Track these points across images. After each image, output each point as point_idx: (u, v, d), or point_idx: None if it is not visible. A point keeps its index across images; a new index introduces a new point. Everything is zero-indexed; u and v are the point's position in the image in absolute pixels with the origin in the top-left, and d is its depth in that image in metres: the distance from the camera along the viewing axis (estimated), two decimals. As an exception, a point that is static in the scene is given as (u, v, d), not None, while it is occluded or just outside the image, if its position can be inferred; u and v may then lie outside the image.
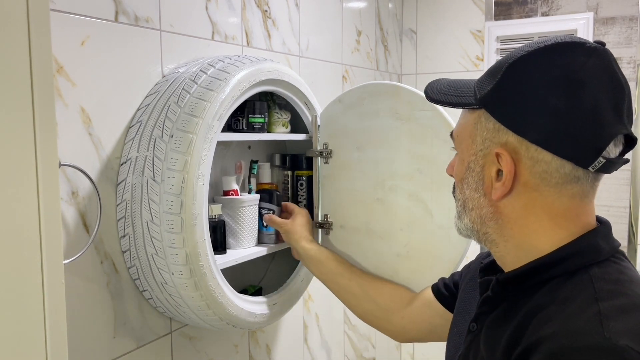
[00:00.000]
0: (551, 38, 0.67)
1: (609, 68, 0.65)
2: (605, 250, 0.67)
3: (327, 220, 1.33)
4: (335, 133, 1.31)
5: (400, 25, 2.28)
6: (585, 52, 0.65)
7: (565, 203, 0.67)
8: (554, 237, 0.68)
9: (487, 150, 0.69)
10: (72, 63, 0.98)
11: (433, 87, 0.78)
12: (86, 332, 1.04)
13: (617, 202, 1.97)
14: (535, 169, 0.66)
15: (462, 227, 0.75)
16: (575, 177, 0.65)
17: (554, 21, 2.02)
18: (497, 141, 0.68)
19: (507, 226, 0.70)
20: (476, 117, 0.71)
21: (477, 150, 0.71)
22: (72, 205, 1.00)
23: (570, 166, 0.65)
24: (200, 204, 1.02)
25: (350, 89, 1.28)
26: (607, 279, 0.64)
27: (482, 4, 2.14)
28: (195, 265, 1.03)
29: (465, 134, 0.73)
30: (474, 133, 0.71)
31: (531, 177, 0.66)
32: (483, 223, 0.72)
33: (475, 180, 0.71)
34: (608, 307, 0.59)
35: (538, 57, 0.66)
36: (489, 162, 0.69)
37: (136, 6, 1.09)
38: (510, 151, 0.67)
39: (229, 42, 1.34)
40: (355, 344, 2.02)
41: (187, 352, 1.27)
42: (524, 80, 0.66)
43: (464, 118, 0.74)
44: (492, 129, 0.68)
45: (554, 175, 0.66)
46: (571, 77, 0.64)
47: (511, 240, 0.71)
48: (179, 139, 1.01)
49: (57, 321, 0.61)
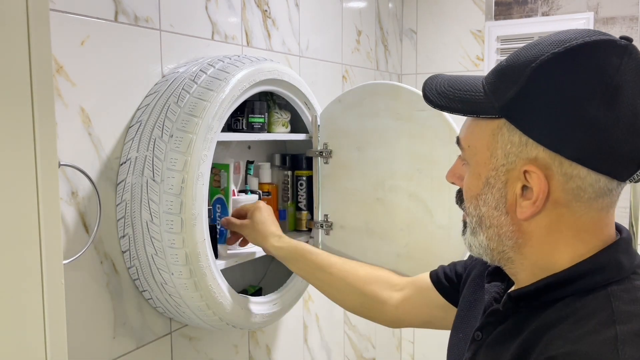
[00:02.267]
0: (577, 34, 0.60)
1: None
2: (626, 267, 0.62)
3: (327, 220, 1.33)
4: (335, 133, 1.31)
5: (400, 25, 2.28)
6: (618, 52, 0.58)
7: (592, 217, 0.62)
8: (574, 252, 0.63)
9: (511, 165, 0.62)
10: (72, 63, 0.98)
11: (432, 89, 0.70)
12: (86, 332, 1.04)
13: (618, 202, 1.97)
14: (569, 185, 0.60)
15: (476, 245, 0.69)
16: (608, 189, 0.60)
17: (554, 21, 2.02)
18: (525, 156, 0.61)
19: (527, 244, 0.65)
20: (495, 127, 0.63)
21: (499, 165, 0.64)
22: (72, 205, 1.00)
23: (605, 180, 0.59)
24: (200, 204, 1.02)
25: (350, 89, 1.28)
26: (627, 299, 0.59)
27: (482, 4, 2.14)
28: (195, 265, 1.02)
29: (481, 146, 0.65)
30: (493, 146, 0.64)
31: (563, 194, 0.61)
32: (500, 242, 0.66)
33: (496, 197, 0.65)
34: (626, 332, 0.55)
35: (568, 59, 0.58)
36: (513, 178, 0.63)
37: (136, 6, 1.09)
38: (541, 168, 0.60)
39: (228, 42, 1.33)
40: (355, 344, 2.02)
41: (187, 352, 1.27)
42: (555, 86, 0.59)
43: (477, 126, 0.66)
44: (518, 143, 0.61)
45: (587, 191, 0.60)
46: (608, 82, 0.57)
47: (529, 258, 0.65)
48: (179, 139, 1.01)
49: (57, 321, 0.61)
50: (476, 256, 0.71)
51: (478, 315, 0.75)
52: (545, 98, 0.59)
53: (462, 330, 0.81)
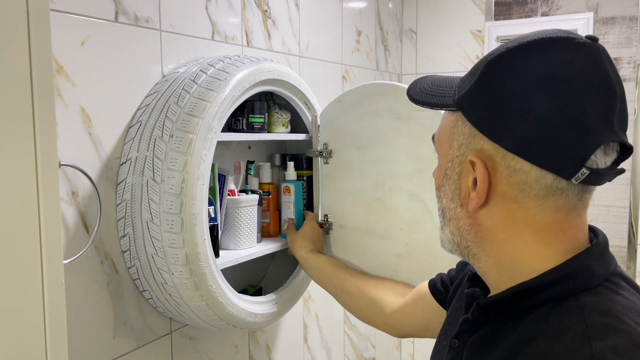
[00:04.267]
0: (537, 33, 0.60)
1: (599, 67, 0.58)
2: (598, 274, 0.60)
3: (327, 220, 1.33)
4: (335, 133, 1.31)
5: (400, 25, 2.28)
6: (573, 49, 0.58)
7: (548, 217, 0.61)
8: (537, 253, 0.62)
9: (463, 157, 0.64)
10: (72, 63, 0.98)
11: (416, 86, 0.72)
12: (86, 332, 1.04)
13: (617, 202, 1.97)
14: (513, 179, 0.60)
15: (445, 240, 0.70)
16: (558, 188, 0.59)
17: (554, 21, 2.02)
18: (473, 147, 0.62)
19: (487, 239, 0.65)
20: (454, 120, 0.65)
21: (454, 157, 0.65)
22: (72, 205, 1.00)
23: (551, 177, 0.58)
24: (200, 204, 1.02)
25: (350, 89, 1.28)
26: (600, 310, 0.57)
27: (482, 4, 2.14)
28: (195, 265, 1.02)
29: (444, 138, 0.67)
30: (451, 137, 0.65)
31: (509, 187, 0.61)
32: (462, 236, 0.67)
33: (452, 188, 0.66)
34: (601, 349, 0.53)
35: (519, 55, 0.59)
36: (465, 170, 0.64)
37: (136, 6, 1.09)
38: (485, 159, 0.61)
39: (229, 42, 1.34)
40: (355, 344, 2.02)
41: (187, 352, 1.27)
42: (502, 80, 0.60)
43: (444, 120, 0.69)
44: (468, 134, 0.63)
45: (533, 187, 0.59)
46: (554, 76, 0.57)
47: (493, 255, 0.65)
48: (179, 139, 1.01)
49: (57, 321, 0.61)
50: (448, 252, 0.71)
51: (458, 321, 0.75)
52: (490, 90, 0.60)
53: (445, 337, 0.80)
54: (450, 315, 0.83)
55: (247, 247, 1.27)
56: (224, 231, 1.25)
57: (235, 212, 1.24)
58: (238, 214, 1.25)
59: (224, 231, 1.25)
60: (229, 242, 1.25)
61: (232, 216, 1.25)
